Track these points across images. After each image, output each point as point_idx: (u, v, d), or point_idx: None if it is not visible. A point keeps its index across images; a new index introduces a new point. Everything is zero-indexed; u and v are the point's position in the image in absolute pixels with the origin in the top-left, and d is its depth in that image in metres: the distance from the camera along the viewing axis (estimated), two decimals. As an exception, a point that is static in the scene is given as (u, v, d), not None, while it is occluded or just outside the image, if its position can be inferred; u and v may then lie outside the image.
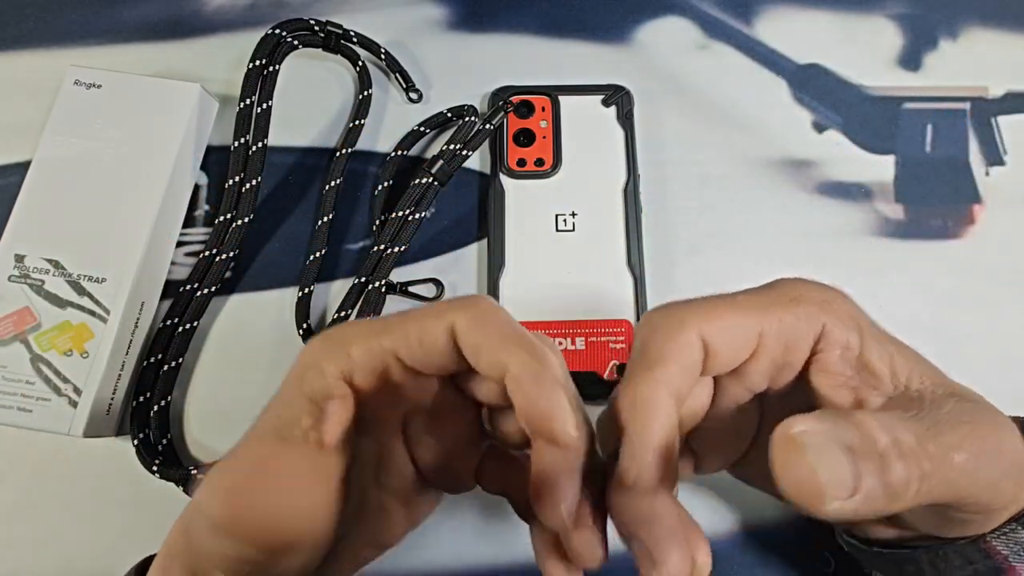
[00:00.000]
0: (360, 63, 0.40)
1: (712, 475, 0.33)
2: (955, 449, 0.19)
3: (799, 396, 0.24)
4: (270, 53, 0.38)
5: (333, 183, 0.37)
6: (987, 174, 0.39)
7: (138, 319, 0.34)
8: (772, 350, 0.22)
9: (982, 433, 0.20)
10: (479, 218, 0.38)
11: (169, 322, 0.35)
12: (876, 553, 0.26)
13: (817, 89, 0.41)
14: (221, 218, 0.36)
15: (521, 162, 0.38)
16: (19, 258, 0.33)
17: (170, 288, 0.36)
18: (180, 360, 0.35)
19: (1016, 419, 0.26)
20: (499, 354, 0.21)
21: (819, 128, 0.40)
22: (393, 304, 0.36)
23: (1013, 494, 0.21)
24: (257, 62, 0.37)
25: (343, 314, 0.35)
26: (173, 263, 0.37)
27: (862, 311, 0.23)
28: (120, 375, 0.34)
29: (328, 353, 0.22)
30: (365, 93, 0.39)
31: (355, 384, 0.22)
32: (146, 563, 0.24)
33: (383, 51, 0.40)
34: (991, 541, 0.22)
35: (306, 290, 0.36)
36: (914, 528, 0.24)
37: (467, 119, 0.37)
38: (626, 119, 0.38)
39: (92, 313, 0.33)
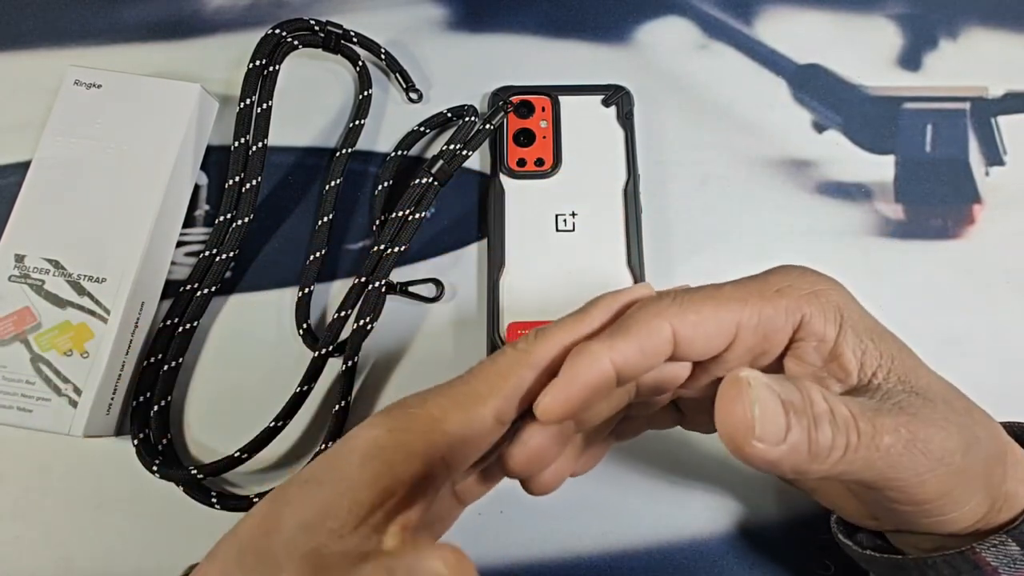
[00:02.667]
0: (360, 63, 0.40)
1: (709, 474, 0.34)
2: (886, 432, 0.20)
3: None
4: (270, 53, 0.38)
5: (333, 183, 0.37)
6: (987, 174, 0.39)
7: (138, 319, 0.34)
8: (749, 340, 0.23)
9: (917, 426, 0.21)
10: (479, 218, 0.38)
11: (169, 322, 0.35)
12: (870, 557, 0.26)
13: (817, 89, 0.41)
14: (221, 218, 0.36)
15: (521, 162, 0.38)
16: (19, 258, 0.33)
17: (170, 288, 0.36)
18: (180, 360, 0.35)
19: (1007, 424, 0.26)
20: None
21: (819, 128, 0.40)
22: (393, 304, 0.36)
23: (944, 492, 0.22)
24: (257, 62, 0.37)
25: (343, 314, 0.35)
26: (173, 263, 0.37)
27: (851, 300, 0.24)
28: (120, 375, 0.34)
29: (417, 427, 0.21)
30: (365, 93, 0.39)
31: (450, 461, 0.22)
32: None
33: (383, 51, 0.40)
34: (980, 552, 0.23)
35: (306, 290, 0.36)
36: (883, 524, 0.25)
37: (467, 119, 0.37)
38: (626, 119, 0.38)
39: (92, 313, 0.33)
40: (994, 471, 0.23)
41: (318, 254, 0.36)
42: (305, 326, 0.36)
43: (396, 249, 0.35)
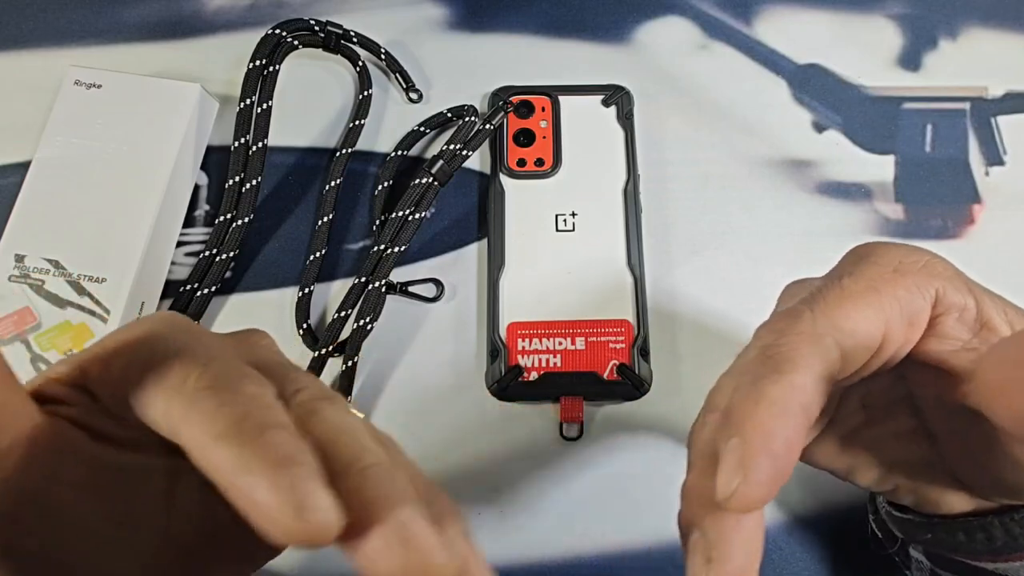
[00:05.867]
0: (360, 63, 0.40)
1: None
2: None
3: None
4: (270, 53, 0.38)
5: (333, 183, 0.37)
6: (987, 174, 0.39)
7: (138, 319, 0.34)
8: (897, 334, 0.20)
9: None
10: (479, 218, 0.38)
11: (169, 322, 0.35)
12: (937, 523, 0.24)
13: (817, 89, 0.41)
14: (221, 218, 0.36)
15: (521, 162, 0.38)
16: (19, 258, 0.33)
17: (170, 288, 0.36)
18: (180, 360, 0.35)
19: None
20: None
21: (819, 128, 0.40)
22: (393, 304, 0.36)
23: None
24: (257, 62, 0.37)
25: (343, 314, 0.35)
26: (173, 263, 0.37)
27: (958, 268, 0.22)
28: (120, 375, 0.33)
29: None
30: (365, 93, 0.39)
31: None
32: None
33: (383, 51, 0.40)
34: None
35: (306, 290, 0.36)
36: (986, 496, 0.23)
37: (467, 119, 0.37)
38: (626, 119, 0.38)
39: (92, 313, 0.33)
40: None
41: (318, 254, 0.36)
42: (305, 326, 0.36)
43: (396, 249, 0.35)
